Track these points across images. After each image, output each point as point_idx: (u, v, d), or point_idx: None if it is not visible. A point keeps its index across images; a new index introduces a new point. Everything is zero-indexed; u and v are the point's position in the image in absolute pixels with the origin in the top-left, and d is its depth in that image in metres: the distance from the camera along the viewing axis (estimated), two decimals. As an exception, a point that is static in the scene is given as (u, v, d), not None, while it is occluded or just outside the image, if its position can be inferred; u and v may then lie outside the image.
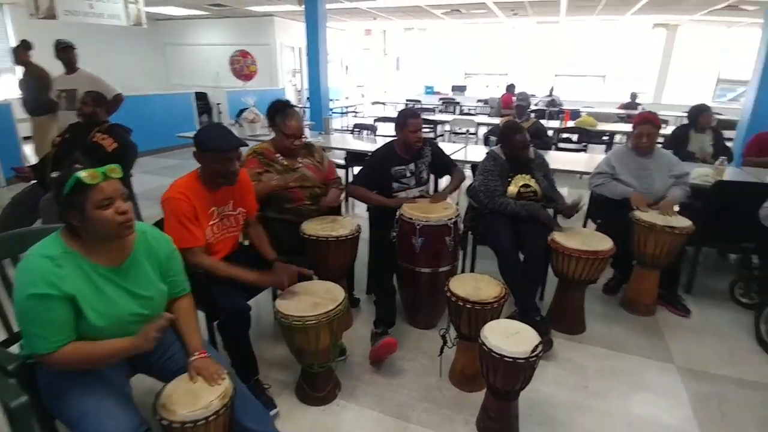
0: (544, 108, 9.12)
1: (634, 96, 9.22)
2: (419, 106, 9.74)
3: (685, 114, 4.04)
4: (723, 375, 2.15)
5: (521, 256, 2.42)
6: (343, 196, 2.65)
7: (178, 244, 1.50)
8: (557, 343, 2.32)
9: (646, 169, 2.69)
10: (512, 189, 2.56)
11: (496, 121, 6.64)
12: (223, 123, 6.11)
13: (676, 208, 2.66)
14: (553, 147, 6.14)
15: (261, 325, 2.48)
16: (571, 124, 6.19)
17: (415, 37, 12.92)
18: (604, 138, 6.39)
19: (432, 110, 9.09)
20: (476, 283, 1.93)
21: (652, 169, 2.69)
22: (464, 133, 7.28)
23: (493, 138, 4.45)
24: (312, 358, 1.77)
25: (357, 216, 4.19)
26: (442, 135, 7.07)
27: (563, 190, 5.31)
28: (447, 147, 4.67)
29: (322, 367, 1.82)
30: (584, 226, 3.29)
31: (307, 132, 4.05)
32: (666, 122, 6.89)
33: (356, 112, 10.20)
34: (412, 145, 2.51)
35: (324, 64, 6.96)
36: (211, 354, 1.41)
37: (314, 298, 1.77)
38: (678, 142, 3.81)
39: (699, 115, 3.78)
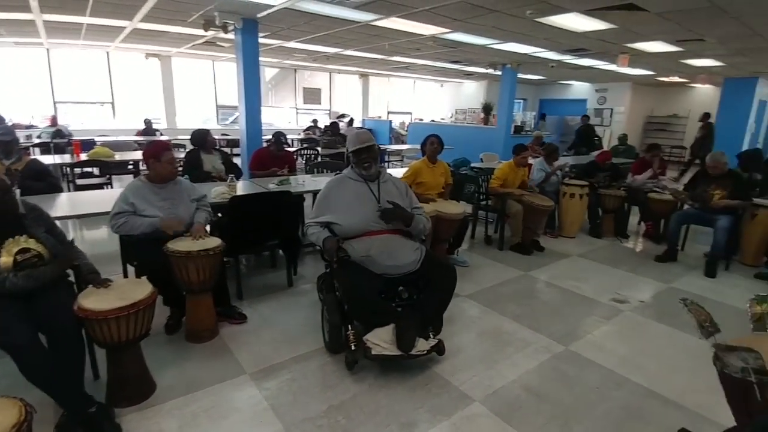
0: (49, 141, 7.61)
1: (148, 122, 9.27)
2: None
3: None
4: (285, 360, 2.46)
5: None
6: None
7: None
8: (127, 422, 1.92)
9: (167, 199, 2.63)
10: (5, 260, 1.86)
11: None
12: None
13: (207, 228, 2.79)
14: (72, 186, 5.22)
15: None
16: (84, 156, 5.41)
17: None
18: (130, 167, 6.04)
19: None
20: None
21: (174, 198, 2.67)
22: None
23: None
24: None
25: None
26: None
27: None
28: None
29: None
30: (125, 274, 2.93)
31: None
32: (184, 146, 7.35)
33: None
34: None
35: None
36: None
37: None
38: (193, 165, 4.07)
39: (205, 138, 4.16)
